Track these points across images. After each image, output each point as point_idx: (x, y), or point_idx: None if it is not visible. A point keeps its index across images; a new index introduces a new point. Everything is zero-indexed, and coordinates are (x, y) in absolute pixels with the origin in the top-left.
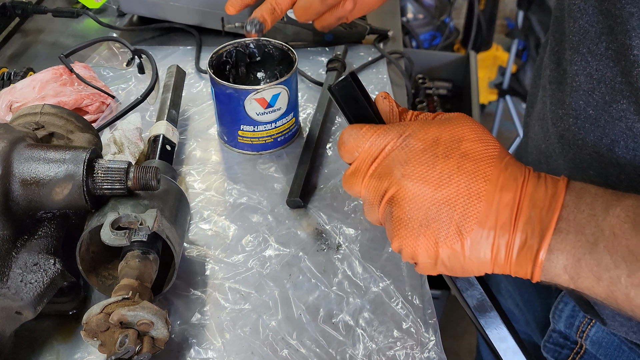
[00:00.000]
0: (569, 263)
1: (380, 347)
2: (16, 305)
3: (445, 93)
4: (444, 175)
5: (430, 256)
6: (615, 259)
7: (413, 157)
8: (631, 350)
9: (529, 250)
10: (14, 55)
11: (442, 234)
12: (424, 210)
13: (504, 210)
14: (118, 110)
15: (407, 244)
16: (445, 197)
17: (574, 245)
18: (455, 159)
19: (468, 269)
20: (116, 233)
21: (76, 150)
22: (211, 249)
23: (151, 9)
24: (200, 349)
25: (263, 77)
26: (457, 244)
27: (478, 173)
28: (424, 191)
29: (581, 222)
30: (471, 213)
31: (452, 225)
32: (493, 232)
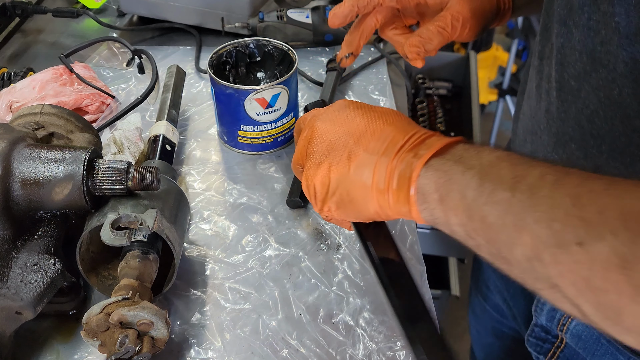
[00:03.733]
0: (441, 181)
1: (380, 347)
2: (16, 305)
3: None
4: (349, 116)
5: (324, 183)
6: (482, 181)
7: (327, 109)
8: (609, 343)
9: (407, 168)
10: (14, 55)
11: (335, 160)
12: (327, 143)
13: (392, 144)
14: (118, 110)
15: (309, 175)
16: (345, 131)
17: (449, 167)
18: (365, 109)
19: (353, 195)
20: (116, 233)
21: (76, 150)
22: (211, 249)
23: (151, 9)
24: (200, 349)
25: (263, 77)
26: (345, 167)
27: (381, 117)
28: (328, 127)
29: (463, 155)
30: (362, 142)
31: (345, 152)
32: (376, 157)
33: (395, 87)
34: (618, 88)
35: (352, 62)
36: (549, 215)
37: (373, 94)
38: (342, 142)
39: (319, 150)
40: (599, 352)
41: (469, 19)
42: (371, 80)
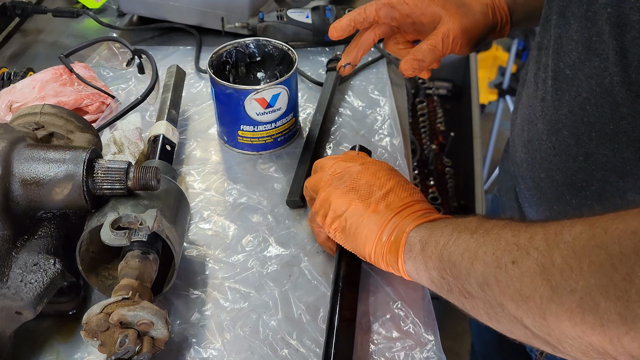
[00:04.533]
0: (424, 235)
1: (379, 347)
2: (16, 305)
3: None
4: (380, 174)
5: (341, 208)
6: (453, 231)
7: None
8: None
9: (406, 226)
10: (14, 55)
11: (360, 198)
12: (357, 182)
13: (402, 210)
14: (118, 110)
15: (331, 194)
16: (374, 182)
17: (432, 226)
18: (394, 175)
19: (360, 231)
20: (116, 233)
21: (76, 150)
22: (211, 249)
23: (151, 9)
24: (200, 348)
25: (263, 77)
26: (366, 209)
27: (403, 185)
28: (361, 171)
29: (445, 220)
30: (386, 198)
31: (370, 197)
32: (390, 214)
33: (395, 87)
34: (609, 76)
35: (350, 71)
36: (494, 246)
37: (373, 94)
38: (369, 188)
39: (348, 184)
40: None
41: (459, 36)
42: (371, 80)
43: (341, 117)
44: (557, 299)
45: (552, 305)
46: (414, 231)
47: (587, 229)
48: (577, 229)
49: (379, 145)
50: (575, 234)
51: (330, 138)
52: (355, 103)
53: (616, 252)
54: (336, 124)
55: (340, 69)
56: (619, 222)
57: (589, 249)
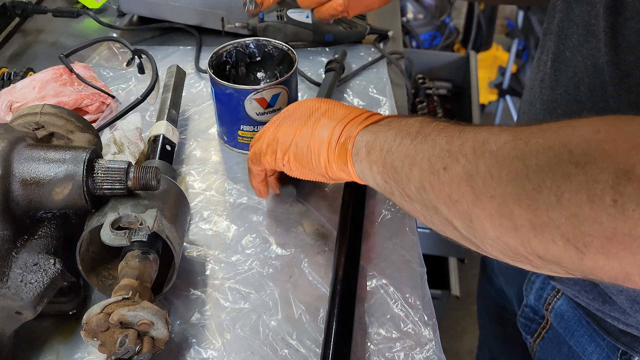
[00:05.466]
0: (370, 139)
1: (379, 347)
2: (16, 305)
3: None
4: (314, 103)
5: (288, 137)
6: (396, 136)
7: (278, 120)
8: (588, 325)
9: (353, 131)
10: (14, 55)
11: (303, 122)
12: (296, 112)
13: (347, 116)
14: (118, 110)
15: (277, 130)
16: (313, 107)
17: (378, 129)
18: (327, 103)
19: (311, 148)
20: (116, 233)
21: (76, 150)
22: (211, 249)
23: (151, 9)
24: (200, 348)
25: (263, 77)
26: (310, 128)
27: (342, 105)
28: (297, 105)
29: (392, 121)
30: (327, 114)
31: (311, 119)
32: (334, 122)
33: (395, 87)
34: (603, 56)
35: (256, 11)
36: (429, 153)
37: (373, 94)
38: (310, 113)
39: (290, 118)
40: (578, 333)
41: None
42: (371, 80)
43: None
44: (479, 204)
45: (476, 210)
46: (360, 135)
47: (510, 139)
48: (503, 139)
49: None
50: (500, 143)
51: None
52: (355, 103)
53: (532, 164)
54: None
55: (247, 9)
56: (540, 136)
57: (509, 160)
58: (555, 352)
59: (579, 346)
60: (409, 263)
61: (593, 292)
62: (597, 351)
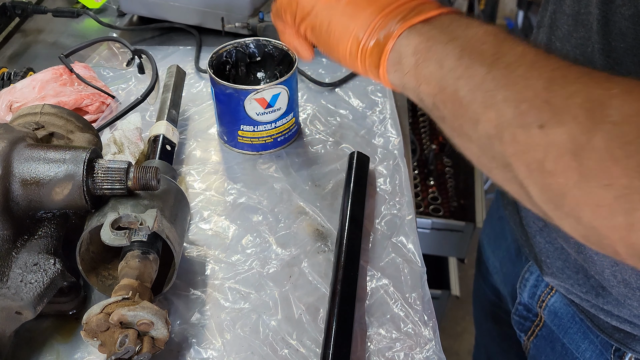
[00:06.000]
0: (421, 46)
1: (379, 347)
2: (16, 305)
3: None
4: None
5: (309, 2)
6: (462, 54)
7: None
8: (582, 322)
9: (392, 26)
10: (14, 55)
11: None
12: None
13: (387, 5)
14: (118, 110)
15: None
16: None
17: (433, 35)
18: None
19: (333, 28)
20: (116, 233)
21: (76, 150)
22: (211, 249)
23: (151, 9)
24: (200, 348)
25: (263, 77)
26: (337, 1)
27: None
28: None
29: (451, 24)
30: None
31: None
32: (370, 7)
33: None
34: (591, 45)
35: None
36: (518, 96)
37: (373, 94)
38: None
39: None
40: (571, 330)
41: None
42: (371, 80)
43: (341, 118)
44: (585, 188)
45: (577, 193)
46: (404, 36)
47: None
48: (629, 107)
49: (379, 145)
50: (625, 113)
51: (330, 139)
52: (355, 103)
53: None
54: (336, 125)
55: None
56: None
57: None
58: (549, 350)
59: (572, 343)
60: (409, 263)
61: (586, 284)
62: (590, 348)
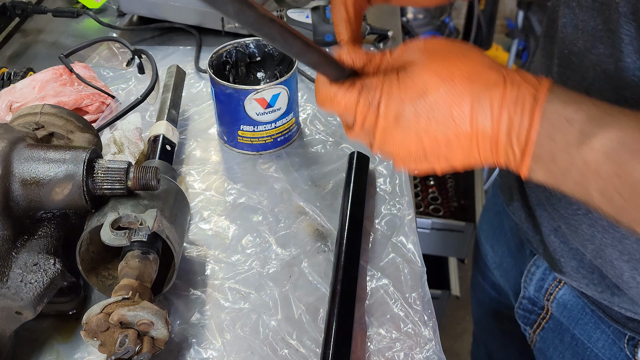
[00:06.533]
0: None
1: (379, 347)
2: (16, 305)
3: None
4: (418, 133)
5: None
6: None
7: (386, 124)
8: (593, 313)
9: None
10: (14, 55)
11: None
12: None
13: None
14: (118, 110)
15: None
16: (422, 150)
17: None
18: (425, 117)
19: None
20: (116, 233)
21: (76, 150)
22: (211, 249)
23: (151, 9)
24: (200, 348)
25: (263, 77)
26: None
27: (451, 119)
28: (401, 149)
29: (554, 151)
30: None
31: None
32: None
33: None
34: (614, 63)
35: None
36: None
37: None
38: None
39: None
40: (582, 321)
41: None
42: None
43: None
44: None
45: None
46: (541, 131)
47: None
48: None
49: None
50: None
51: (330, 139)
52: None
53: None
54: (336, 125)
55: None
56: None
57: None
58: (557, 341)
59: (584, 334)
60: (409, 263)
61: (602, 284)
62: (602, 338)
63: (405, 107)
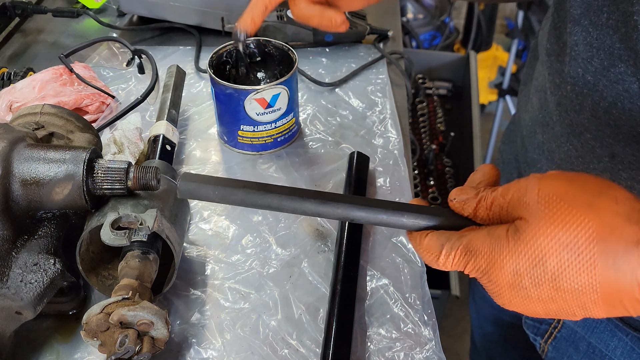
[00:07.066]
0: None
1: (379, 347)
2: (16, 305)
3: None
4: (543, 300)
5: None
6: None
7: (501, 292)
8: (609, 321)
9: None
10: (14, 55)
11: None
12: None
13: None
14: (118, 110)
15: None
16: (552, 313)
17: None
18: (547, 286)
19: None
20: (116, 233)
21: (76, 150)
22: (211, 249)
23: (151, 9)
24: (200, 348)
25: (263, 77)
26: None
27: (581, 289)
28: (528, 312)
29: None
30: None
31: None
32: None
33: (395, 87)
34: (638, 81)
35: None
36: None
37: (373, 94)
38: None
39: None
40: (598, 330)
41: None
42: (371, 81)
43: (341, 118)
44: None
45: None
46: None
47: None
48: None
49: (379, 145)
50: None
51: (330, 139)
52: (355, 103)
53: None
54: (336, 125)
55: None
56: None
57: None
58: (571, 350)
59: (600, 342)
60: (409, 263)
61: None
62: (620, 345)
63: (523, 278)
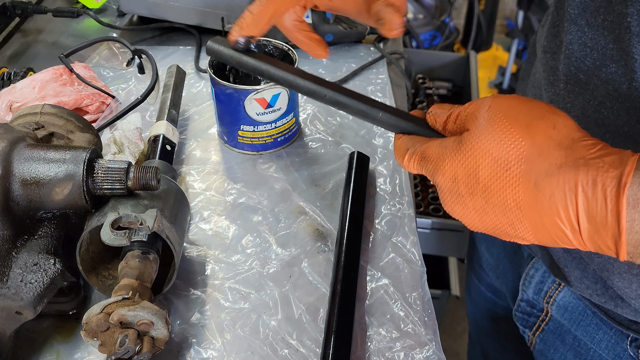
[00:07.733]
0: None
1: (379, 347)
2: (16, 305)
3: (445, 93)
4: (477, 211)
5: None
6: None
7: (443, 197)
8: (594, 315)
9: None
10: (14, 55)
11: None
12: None
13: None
14: (118, 110)
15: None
16: (488, 227)
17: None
18: (480, 197)
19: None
20: (116, 233)
21: (76, 150)
22: (211, 249)
23: (151, 9)
24: (200, 348)
25: None
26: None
27: (507, 205)
28: (467, 222)
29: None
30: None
31: None
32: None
33: (395, 87)
34: (627, 82)
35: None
36: None
37: (373, 94)
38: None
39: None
40: (584, 323)
41: None
42: (371, 81)
43: (341, 118)
44: None
45: None
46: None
47: None
48: None
49: (379, 145)
50: None
51: (330, 139)
52: None
53: None
54: (336, 125)
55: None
56: None
57: None
58: (558, 343)
59: (586, 335)
60: (409, 263)
61: (605, 295)
62: (605, 338)
63: (459, 186)
